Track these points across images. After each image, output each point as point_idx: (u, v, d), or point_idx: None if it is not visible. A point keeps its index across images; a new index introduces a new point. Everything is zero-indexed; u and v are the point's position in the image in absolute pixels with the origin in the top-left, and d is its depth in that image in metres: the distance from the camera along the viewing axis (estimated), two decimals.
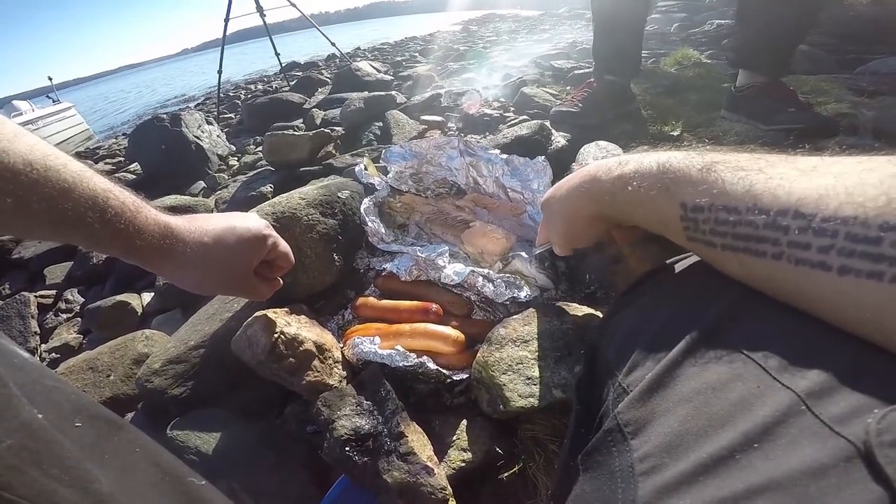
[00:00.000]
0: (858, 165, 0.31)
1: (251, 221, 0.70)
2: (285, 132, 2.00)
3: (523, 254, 1.02)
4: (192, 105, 8.64)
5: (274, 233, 0.73)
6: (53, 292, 1.83)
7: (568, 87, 2.37)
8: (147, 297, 1.56)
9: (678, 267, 0.51)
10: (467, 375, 0.83)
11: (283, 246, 0.75)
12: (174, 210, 1.70)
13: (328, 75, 5.43)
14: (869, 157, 0.32)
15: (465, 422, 0.80)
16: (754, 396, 0.30)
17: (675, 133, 1.57)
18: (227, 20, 5.26)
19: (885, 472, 0.22)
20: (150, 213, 0.56)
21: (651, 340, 0.41)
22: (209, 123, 3.19)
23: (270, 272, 0.77)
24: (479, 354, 0.82)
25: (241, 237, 0.66)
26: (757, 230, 0.35)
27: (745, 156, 0.39)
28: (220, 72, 5.20)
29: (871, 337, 0.29)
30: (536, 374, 0.75)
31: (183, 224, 0.61)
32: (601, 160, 0.56)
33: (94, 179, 0.50)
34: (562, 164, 1.33)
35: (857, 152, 0.33)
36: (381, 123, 2.14)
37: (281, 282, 0.79)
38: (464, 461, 0.75)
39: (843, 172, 0.31)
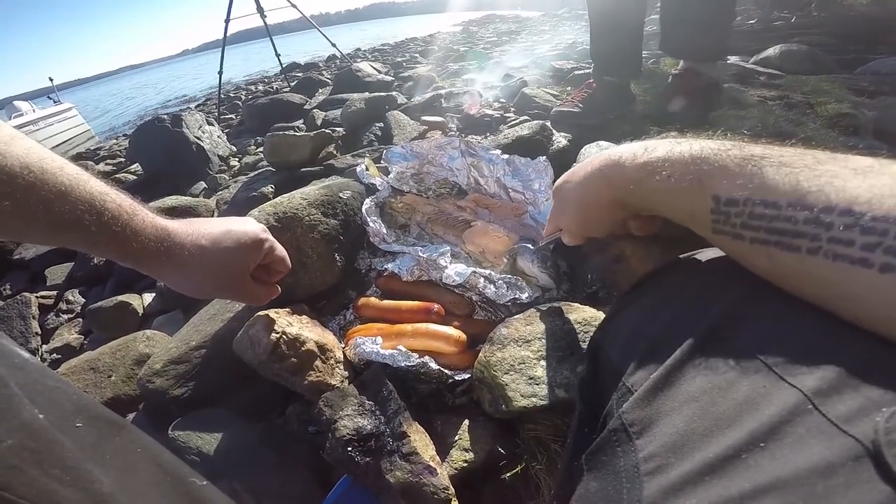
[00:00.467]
0: None
1: (248, 225, 0.70)
2: (286, 133, 2.00)
3: (529, 245, 1.01)
4: (192, 106, 8.65)
5: (271, 237, 0.73)
6: (54, 293, 1.82)
7: (568, 88, 2.36)
8: (148, 297, 1.56)
9: (681, 266, 0.51)
10: (469, 375, 0.83)
11: (280, 250, 0.75)
12: (175, 211, 1.70)
13: (329, 76, 5.43)
14: None
15: (467, 422, 0.80)
16: (760, 396, 0.30)
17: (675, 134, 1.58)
18: (227, 21, 5.26)
19: (893, 471, 0.22)
20: (147, 216, 0.56)
21: (655, 340, 0.41)
22: (210, 124, 3.19)
23: (267, 276, 0.77)
24: (480, 354, 0.82)
25: (239, 240, 0.66)
26: (796, 225, 0.34)
27: (790, 150, 0.38)
28: (220, 72, 5.20)
29: None
30: (539, 373, 0.75)
31: (180, 227, 0.61)
32: (623, 145, 0.54)
33: (90, 183, 0.50)
34: (563, 164, 1.32)
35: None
36: (381, 124, 2.13)
37: (279, 290, 0.79)
38: (466, 461, 0.75)
39: None
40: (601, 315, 0.81)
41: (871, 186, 0.31)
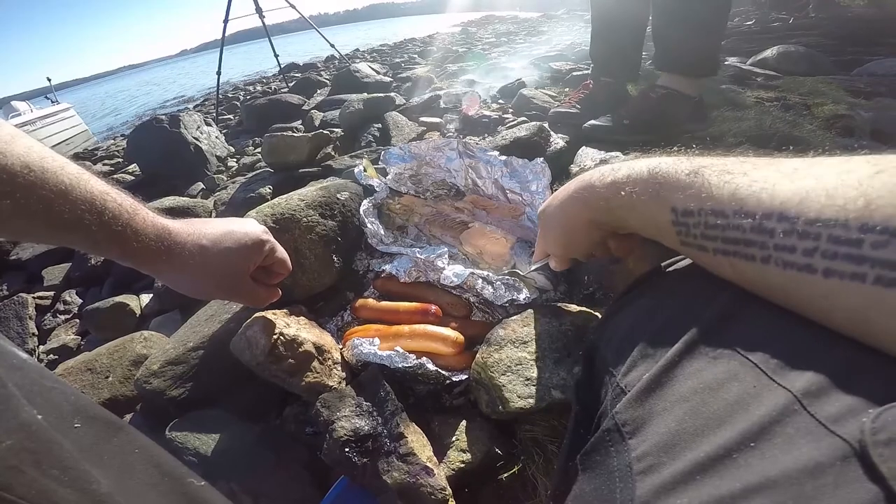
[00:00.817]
0: (838, 167, 0.31)
1: (249, 226, 0.70)
2: (284, 133, 1.99)
3: (518, 271, 1.02)
4: (190, 106, 8.64)
5: (272, 238, 0.73)
6: (51, 293, 1.82)
7: (566, 89, 2.37)
8: (145, 298, 1.55)
9: (676, 268, 0.51)
10: (466, 376, 0.84)
11: (281, 252, 0.76)
12: (172, 211, 1.70)
13: (327, 77, 5.43)
14: (848, 157, 0.32)
15: (464, 422, 0.80)
16: (751, 396, 0.30)
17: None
18: (226, 21, 5.27)
19: (880, 470, 0.22)
20: (148, 215, 0.57)
21: (649, 341, 0.42)
22: (208, 124, 3.19)
23: (268, 278, 0.77)
24: (478, 355, 0.82)
25: (239, 241, 0.66)
26: (745, 234, 0.35)
27: (732, 159, 0.39)
28: (219, 73, 5.20)
29: (861, 338, 0.29)
30: (535, 374, 0.75)
31: (181, 227, 0.61)
32: (596, 168, 0.56)
33: (91, 182, 0.50)
34: (560, 165, 1.33)
35: (840, 154, 0.34)
36: (379, 125, 2.14)
37: (280, 292, 0.79)
38: (463, 462, 0.75)
39: (823, 174, 0.32)
40: (597, 316, 0.82)
41: (798, 189, 0.32)
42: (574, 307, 0.85)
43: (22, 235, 0.48)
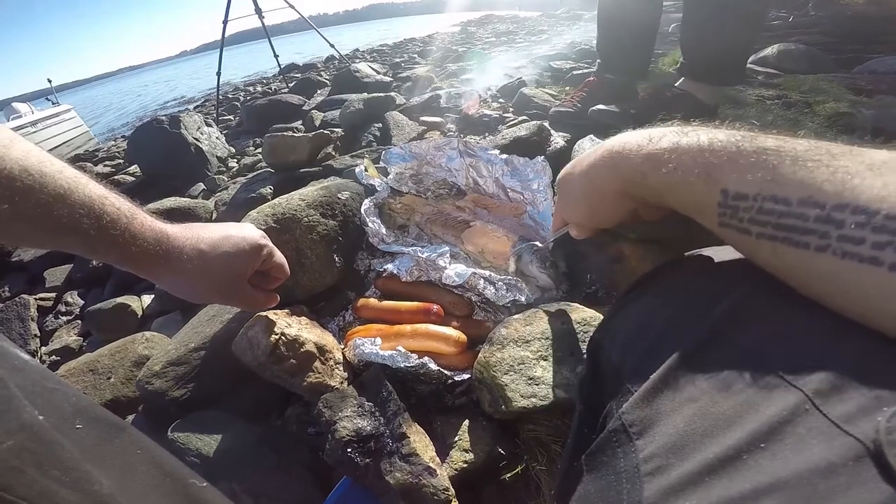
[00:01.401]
0: None
1: (247, 230, 0.70)
2: (285, 134, 1.99)
3: (535, 244, 1.01)
4: (191, 107, 8.64)
5: (270, 243, 0.73)
6: (53, 295, 1.82)
7: (567, 88, 2.37)
8: (147, 299, 1.55)
9: (680, 266, 0.51)
10: (469, 376, 0.83)
11: (279, 256, 0.76)
12: (173, 212, 1.70)
13: (327, 77, 5.43)
14: None
15: (467, 422, 0.80)
16: (761, 396, 0.30)
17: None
18: (225, 22, 5.27)
19: (894, 470, 0.22)
20: (146, 219, 0.56)
21: (655, 340, 0.41)
22: (208, 125, 3.19)
23: (266, 283, 0.77)
24: (480, 355, 0.82)
25: (237, 245, 0.66)
26: (806, 222, 0.33)
27: (803, 144, 0.37)
28: (219, 73, 5.20)
29: None
30: (538, 374, 0.75)
31: (179, 231, 0.61)
32: (625, 134, 0.52)
33: (89, 186, 0.50)
34: (561, 164, 1.31)
35: None
36: (380, 125, 2.13)
37: (278, 297, 0.79)
38: (466, 462, 0.75)
39: None
40: (600, 315, 0.81)
41: (886, 184, 0.31)
42: (577, 306, 0.84)
43: (20, 240, 0.48)
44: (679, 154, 0.44)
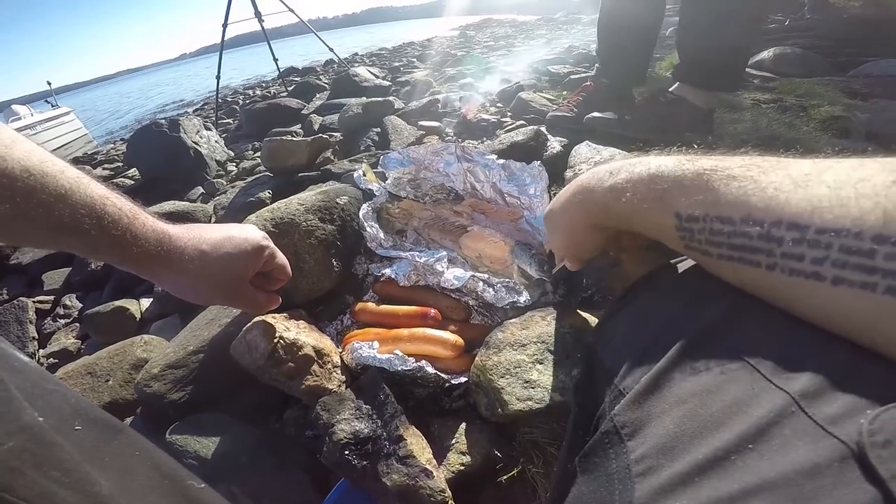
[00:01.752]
0: (853, 173, 0.31)
1: (249, 231, 0.70)
2: (283, 138, 2.00)
3: (527, 247, 1.01)
4: (190, 110, 8.63)
5: (272, 244, 0.73)
6: (52, 297, 1.82)
7: (565, 92, 2.38)
8: (146, 302, 1.55)
9: (673, 271, 0.52)
10: (466, 379, 0.84)
11: (281, 258, 0.76)
12: (172, 216, 1.70)
13: (326, 81, 5.43)
14: (861, 161, 0.32)
15: (463, 425, 0.80)
16: (748, 398, 0.30)
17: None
18: (225, 25, 5.27)
19: (878, 472, 0.23)
20: (148, 220, 0.56)
21: (647, 343, 0.42)
22: (207, 129, 3.19)
23: (268, 284, 0.77)
24: (477, 358, 0.82)
25: (239, 246, 0.66)
26: (751, 241, 0.35)
27: (738, 161, 0.38)
28: (218, 77, 5.21)
29: (866, 345, 0.29)
30: (534, 377, 0.75)
31: (181, 232, 0.61)
32: (593, 169, 0.55)
33: (91, 186, 0.50)
34: (557, 169, 1.33)
35: (849, 155, 0.33)
36: (379, 129, 2.14)
37: (280, 299, 0.79)
38: (463, 464, 0.75)
39: (838, 182, 0.31)
40: (596, 319, 0.82)
41: (811, 198, 0.32)
42: (573, 310, 0.85)
43: (21, 240, 0.48)
44: (634, 183, 0.46)
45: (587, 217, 0.57)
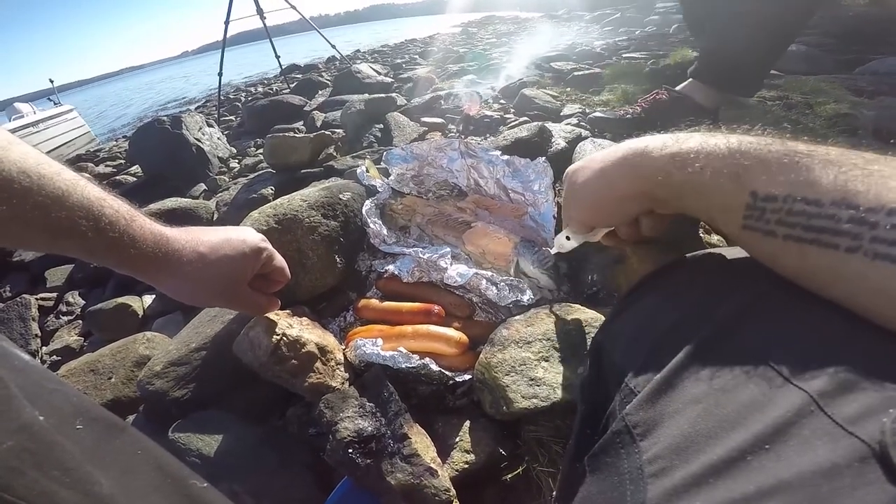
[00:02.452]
0: None
1: (247, 234, 0.70)
2: (286, 134, 2.00)
3: (532, 245, 1.00)
4: (192, 107, 8.64)
5: (270, 246, 0.73)
6: (54, 295, 1.82)
7: (568, 89, 2.37)
8: (148, 299, 1.55)
9: (682, 267, 0.51)
10: (470, 377, 0.83)
11: (279, 260, 0.76)
12: (174, 213, 1.70)
13: (328, 77, 5.42)
14: None
15: (468, 423, 0.80)
16: (765, 397, 0.29)
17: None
18: (227, 22, 5.27)
19: None
20: (146, 222, 0.56)
21: (658, 341, 0.41)
22: (210, 126, 3.20)
23: (267, 287, 0.77)
24: (481, 356, 0.81)
25: (237, 248, 0.66)
26: (838, 223, 0.33)
27: (836, 150, 0.37)
28: (220, 74, 5.20)
29: None
30: (539, 375, 0.74)
31: (178, 234, 0.61)
32: (646, 137, 0.51)
33: (87, 188, 0.50)
34: (562, 165, 1.32)
35: None
36: (381, 125, 2.14)
37: (279, 302, 0.78)
38: (467, 463, 0.75)
39: None
40: (602, 316, 0.81)
41: None
42: (578, 307, 0.84)
43: (17, 242, 0.48)
44: (706, 154, 0.43)
45: (638, 182, 0.52)
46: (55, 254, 0.59)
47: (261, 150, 2.95)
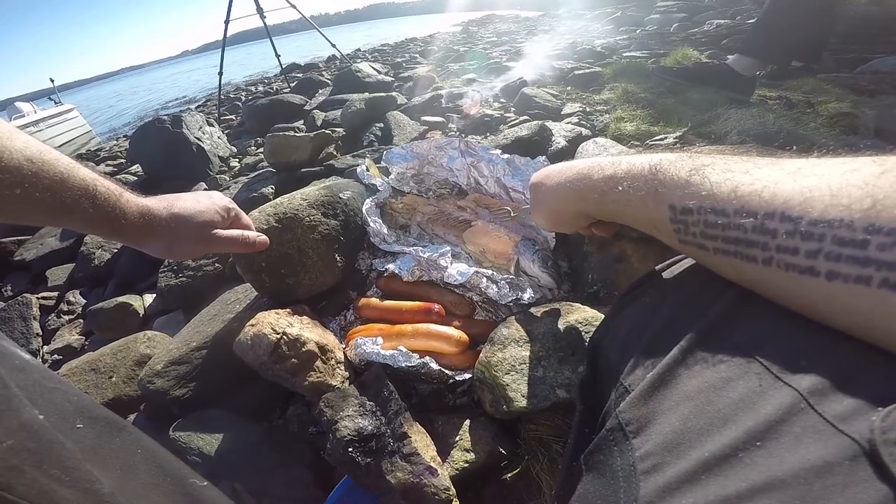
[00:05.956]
0: (843, 166, 0.30)
1: (215, 195, 0.78)
2: (286, 133, 2.00)
3: (534, 262, 1.01)
4: (192, 106, 8.65)
5: (237, 207, 0.79)
6: (55, 294, 1.83)
7: (568, 87, 2.36)
8: (149, 298, 1.56)
9: (679, 266, 0.51)
10: (470, 376, 0.83)
11: (246, 219, 0.82)
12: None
13: (328, 77, 5.42)
14: (853, 157, 0.31)
15: (468, 422, 0.80)
16: (756, 395, 0.30)
17: (679, 133, 1.56)
18: (227, 22, 5.26)
19: (890, 470, 0.22)
20: (131, 196, 0.63)
21: (653, 339, 0.41)
22: (210, 125, 3.19)
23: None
24: (481, 355, 0.82)
25: (204, 203, 0.73)
26: (746, 234, 0.34)
27: (735, 158, 0.38)
28: (220, 73, 5.20)
29: (867, 341, 0.29)
30: (539, 374, 0.75)
31: (157, 203, 0.68)
32: (596, 158, 0.56)
33: (82, 170, 0.56)
34: None
35: (844, 153, 0.33)
36: (381, 124, 2.14)
37: (266, 240, 0.82)
38: (467, 461, 0.75)
39: (827, 173, 0.31)
40: (602, 315, 0.81)
41: (802, 188, 0.31)
42: (578, 306, 0.84)
43: (27, 219, 0.53)
44: (632, 175, 0.47)
45: (579, 202, 0.59)
46: (56, 227, 0.70)
47: (261, 149, 2.95)
